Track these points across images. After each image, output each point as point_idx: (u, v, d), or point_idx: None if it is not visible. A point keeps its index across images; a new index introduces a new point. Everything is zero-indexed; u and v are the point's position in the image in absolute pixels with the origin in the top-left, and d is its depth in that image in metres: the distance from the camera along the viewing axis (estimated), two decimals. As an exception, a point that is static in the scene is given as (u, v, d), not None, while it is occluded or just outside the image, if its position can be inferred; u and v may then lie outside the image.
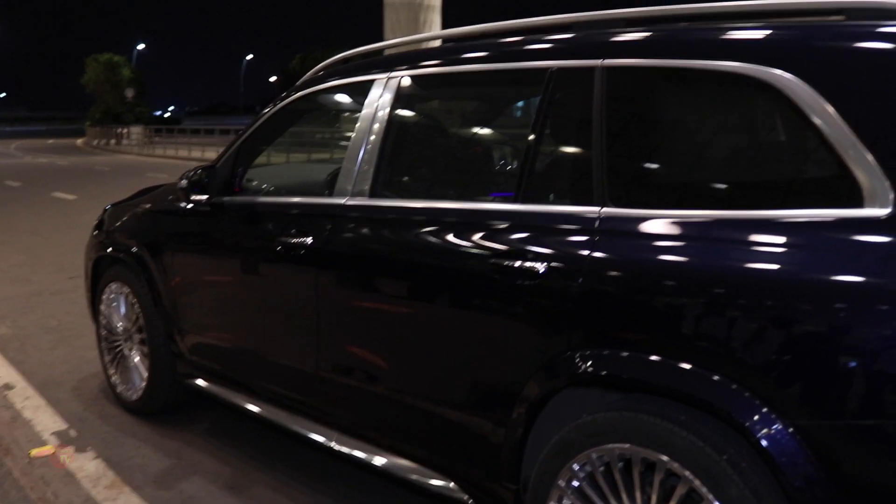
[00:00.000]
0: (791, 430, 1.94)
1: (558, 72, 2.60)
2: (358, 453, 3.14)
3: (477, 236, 2.64)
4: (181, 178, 3.84)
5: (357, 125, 3.19)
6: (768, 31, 2.25)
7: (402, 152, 3.20)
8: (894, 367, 1.82)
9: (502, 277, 2.50)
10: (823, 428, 1.91)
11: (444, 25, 21.57)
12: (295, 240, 3.24)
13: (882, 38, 2.04)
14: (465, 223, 2.71)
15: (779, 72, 2.11)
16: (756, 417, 1.98)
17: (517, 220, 2.57)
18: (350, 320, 3.13)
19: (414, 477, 2.94)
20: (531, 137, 2.63)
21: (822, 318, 1.92)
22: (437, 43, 3.32)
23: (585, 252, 2.34)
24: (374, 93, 3.18)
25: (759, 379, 1.98)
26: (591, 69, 2.50)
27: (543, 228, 2.48)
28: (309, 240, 3.19)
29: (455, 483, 2.80)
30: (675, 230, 2.22)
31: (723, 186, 2.34)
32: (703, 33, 2.37)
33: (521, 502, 2.57)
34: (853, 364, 1.86)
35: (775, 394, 1.96)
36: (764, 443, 1.95)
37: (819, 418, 1.91)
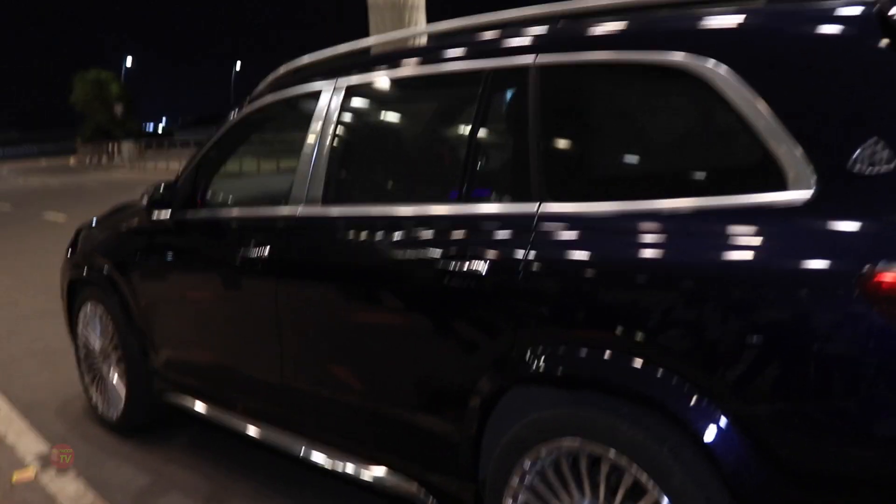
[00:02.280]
0: (728, 418, 1.96)
1: (493, 72, 2.62)
2: (325, 461, 3.16)
3: (423, 240, 2.66)
4: (142, 196, 3.86)
5: (307, 134, 3.21)
6: (690, 21, 2.27)
7: (350, 159, 3.23)
8: (822, 351, 1.84)
9: (450, 279, 2.52)
10: (758, 415, 1.93)
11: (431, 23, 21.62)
12: (254, 251, 3.26)
13: (799, 20, 2.06)
14: (412, 227, 2.73)
15: (701, 59, 2.12)
16: (693, 407, 2.00)
17: (460, 222, 2.59)
18: (308, 329, 3.16)
19: (380, 482, 2.96)
20: (471, 139, 2.66)
21: (752, 305, 1.94)
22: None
23: (524, 250, 2.36)
24: (322, 101, 3.21)
25: (698, 370, 2.00)
26: (525, 68, 2.51)
27: (486, 228, 2.50)
28: (266, 250, 3.21)
29: (420, 485, 2.82)
30: (612, 224, 2.24)
31: (658, 177, 2.35)
32: (630, 25, 2.39)
33: (481, 501, 2.59)
34: (784, 351, 1.89)
35: (713, 384, 1.98)
36: (699, 432, 1.97)
37: (754, 405, 1.93)
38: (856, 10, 1.98)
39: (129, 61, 74.86)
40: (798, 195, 1.94)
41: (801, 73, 2.01)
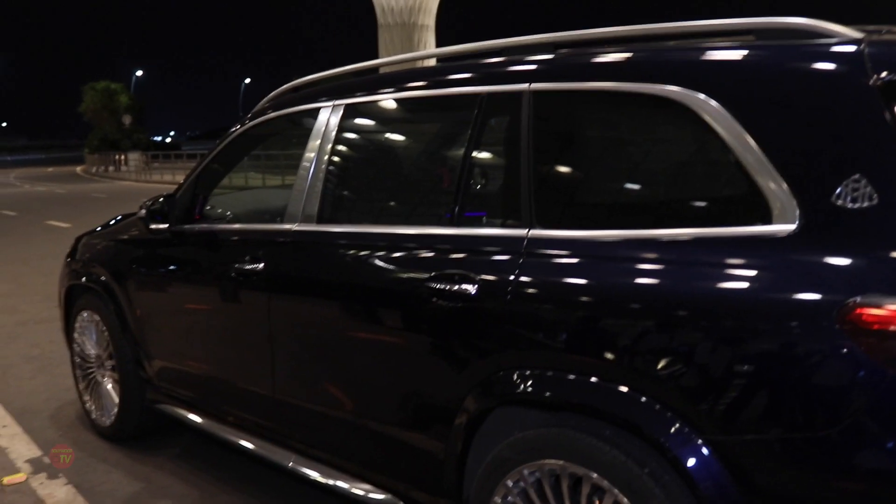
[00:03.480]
0: (708, 445, 1.98)
1: (488, 97, 2.66)
2: (314, 475, 3.18)
3: (415, 260, 2.70)
4: (140, 208, 3.90)
5: (304, 153, 3.25)
6: (683, 54, 2.32)
7: (346, 179, 3.27)
8: (803, 383, 1.87)
9: (440, 299, 2.56)
10: (738, 443, 1.95)
11: (439, 45, 21.73)
12: (249, 266, 3.30)
13: (788, 57, 2.10)
14: (404, 247, 2.77)
15: (691, 92, 2.16)
16: (673, 433, 2.02)
17: (451, 244, 2.62)
18: (299, 345, 3.19)
19: (366, 497, 2.97)
20: (464, 161, 2.69)
21: (734, 335, 1.96)
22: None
23: (513, 274, 2.39)
24: (320, 120, 3.25)
25: (680, 397, 2.03)
26: (518, 94, 2.55)
27: (475, 251, 2.54)
28: (261, 266, 3.24)
29: (405, 503, 2.84)
30: (599, 251, 2.27)
31: (646, 207, 2.39)
32: (623, 57, 2.43)
33: (464, 519, 2.62)
34: (766, 381, 1.91)
35: (694, 410, 2.00)
36: (679, 457, 2.00)
37: (734, 434, 1.95)
38: (843, 49, 2.02)
39: (139, 74, 75.05)
40: (782, 228, 1.97)
41: (787, 109, 2.05)
